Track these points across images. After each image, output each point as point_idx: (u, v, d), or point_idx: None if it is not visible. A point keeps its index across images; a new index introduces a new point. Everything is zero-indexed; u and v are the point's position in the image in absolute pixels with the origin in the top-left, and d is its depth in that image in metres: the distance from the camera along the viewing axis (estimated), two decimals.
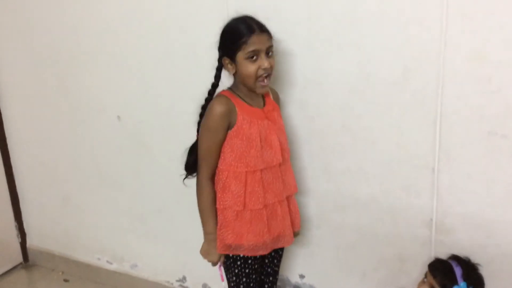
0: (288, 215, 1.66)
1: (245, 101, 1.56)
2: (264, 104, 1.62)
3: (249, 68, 1.49)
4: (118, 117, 2.21)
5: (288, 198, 1.67)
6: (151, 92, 2.09)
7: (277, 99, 1.72)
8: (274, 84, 1.78)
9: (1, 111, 2.59)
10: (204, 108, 1.60)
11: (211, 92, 1.62)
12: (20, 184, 2.70)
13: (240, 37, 1.48)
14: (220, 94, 1.59)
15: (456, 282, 1.46)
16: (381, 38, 1.59)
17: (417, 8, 1.52)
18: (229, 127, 1.54)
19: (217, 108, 1.52)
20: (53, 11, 2.24)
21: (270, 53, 1.53)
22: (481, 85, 1.49)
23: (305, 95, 1.75)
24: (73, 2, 2.17)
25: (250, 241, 1.58)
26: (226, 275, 1.71)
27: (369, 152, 1.71)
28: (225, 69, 1.58)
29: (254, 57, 1.49)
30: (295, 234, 1.73)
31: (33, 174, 2.64)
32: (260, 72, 1.50)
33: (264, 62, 1.49)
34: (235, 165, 1.55)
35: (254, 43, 1.48)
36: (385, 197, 1.73)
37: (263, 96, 1.64)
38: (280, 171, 1.61)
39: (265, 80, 1.52)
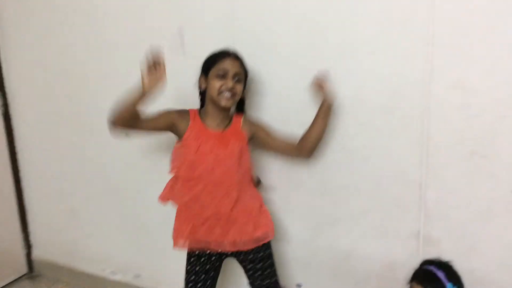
0: (220, 228, 1.78)
1: (203, 120, 1.80)
2: (226, 129, 1.81)
3: (215, 83, 1.74)
4: (126, 133, 2.33)
5: (235, 211, 1.78)
6: (158, 109, 2.22)
7: (250, 125, 1.85)
8: (274, 106, 1.95)
9: (13, 125, 2.71)
10: None
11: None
12: (28, 196, 2.81)
13: (216, 57, 1.75)
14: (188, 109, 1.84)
15: (443, 286, 1.60)
16: (373, 67, 1.75)
17: (405, 41, 1.69)
18: (175, 129, 1.80)
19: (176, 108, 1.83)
20: (66, 28, 2.38)
21: (237, 79, 1.75)
22: (463, 110, 1.65)
23: (305, 116, 1.88)
24: (86, 20, 2.31)
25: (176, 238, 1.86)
26: None
27: (361, 169, 1.86)
28: (199, 85, 1.82)
29: (222, 76, 1.72)
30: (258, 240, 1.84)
31: (41, 187, 2.75)
32: (223, 89, 1.72)
33: (229, 82, 1.73)
34: (176, 167, 1.82)
35: (225, 64, 1.73)
36: (376, 210, 1.87)
37: (231, 123, 1.82)
38: (218, 189, 1.76)
39: (228, 94, 1.73)
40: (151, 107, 1.74)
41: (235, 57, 1.77)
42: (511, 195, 1.64)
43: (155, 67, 1.59)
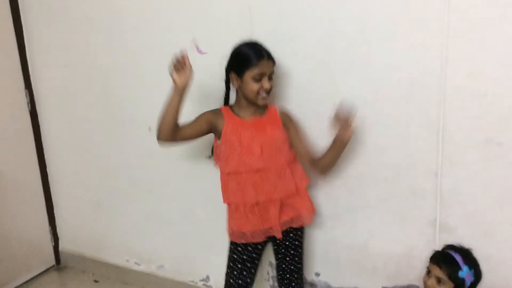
0: (277, 213, 1.85)
1: (236, 114, 1.86)
2: (262, 116, 1.87)
3: (253, 86, 1.78)
4: (149, 128, 2.41)
5: (284, 199, 1.86)
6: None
7: (285, 116, 1.91)
8: (293, 97, 1.99)
9: (39, 122, 2.81)
10: None
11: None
12: (55, 191, 2.91)
13: (251, 59, 1.77)
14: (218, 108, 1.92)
15: (459, 268, 1.64)
16: (389, 57, 1.79)
17: (421, 32, 1.72)
18: (214, 129, 1.86)
19: (208, 110, 1.90)
20: (90, 31, 2.47)
21: (270, 77, 1.81)
22: (478, 98, 1.68)
23: (322, 108, 1.92)
24: (109, 19, 2.39)
25: (247, 229, 1.86)
26: None
27: (378, 158, 1.89)
28: (231, 82, 1.86)
29: (259, 79, 1.77)
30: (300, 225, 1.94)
31: (67, 182, 2.85)
32: (261, 91, 1.78)
33: (266, 84, 1.78)
34: (223, 167, 1.87)
35: (262, 67, 1.77)
36: (393, 199, 1.91)
37: (265, 111, 1.88)
38: (266, 175, 1.82)
39: (265, 95, 1.79)
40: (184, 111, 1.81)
41: (268, 57, 1.80)
42: None
43: (181, 66, 1.71)
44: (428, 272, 1.73)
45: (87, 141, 2.69)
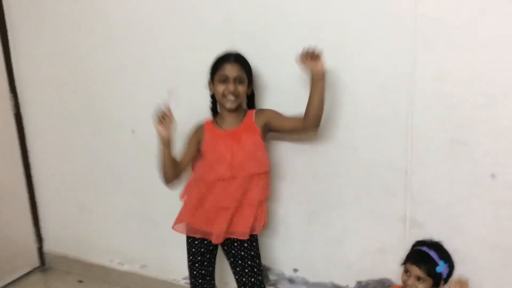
0: (225, 221, 1.91)
1: (217, 125, 1.96)
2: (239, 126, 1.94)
3: (218, 88, 1.89)
4: (133, 131, 2.47)
5: (240, 207, 1.92)
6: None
7: (260, 114, 1.96)
8: (268, 101, 2.07)
9: (24, 125, 2.84)
10: None
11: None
12: (39, 192, 2.94)
13: (217, 63, 1.90)
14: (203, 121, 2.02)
15: (436, 264, 1.73)
16: (362, 61, 1.87)
17: (391, 38, 1.81)
18: (201, 144, 1.96)
19: (193, 128, 2.02)
20: (76, 35, 2.52)
21: (238, 81, 1.88)
22: (445, 100, 1.77)
23: (298, 109, 2.00)
24: (94, 22, 2.44)
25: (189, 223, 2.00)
26: None
27: (352, 157, 1.98)
28: (210, 89, 1.98)
29: (224, 81, 1.87)
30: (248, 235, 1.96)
31: (51, 183, 2.88)
32: (226, 92, 1.87)
33: (230, 86, 1.87)
34: (196, 171, 1.99)
35: (225, 69, 1.88)
36: (365, 197, 1.99)
37: (244, 119, 1.95)
38: (232, 183, 1.89)
39: (231, 97, 1.87)
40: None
41: (234, 60, 1.89)
42: (490, 179, 1.76)
43: (164, 118, 1.81)
44: (406, 271, 1.79)
45: (72, 143, 2.73)
